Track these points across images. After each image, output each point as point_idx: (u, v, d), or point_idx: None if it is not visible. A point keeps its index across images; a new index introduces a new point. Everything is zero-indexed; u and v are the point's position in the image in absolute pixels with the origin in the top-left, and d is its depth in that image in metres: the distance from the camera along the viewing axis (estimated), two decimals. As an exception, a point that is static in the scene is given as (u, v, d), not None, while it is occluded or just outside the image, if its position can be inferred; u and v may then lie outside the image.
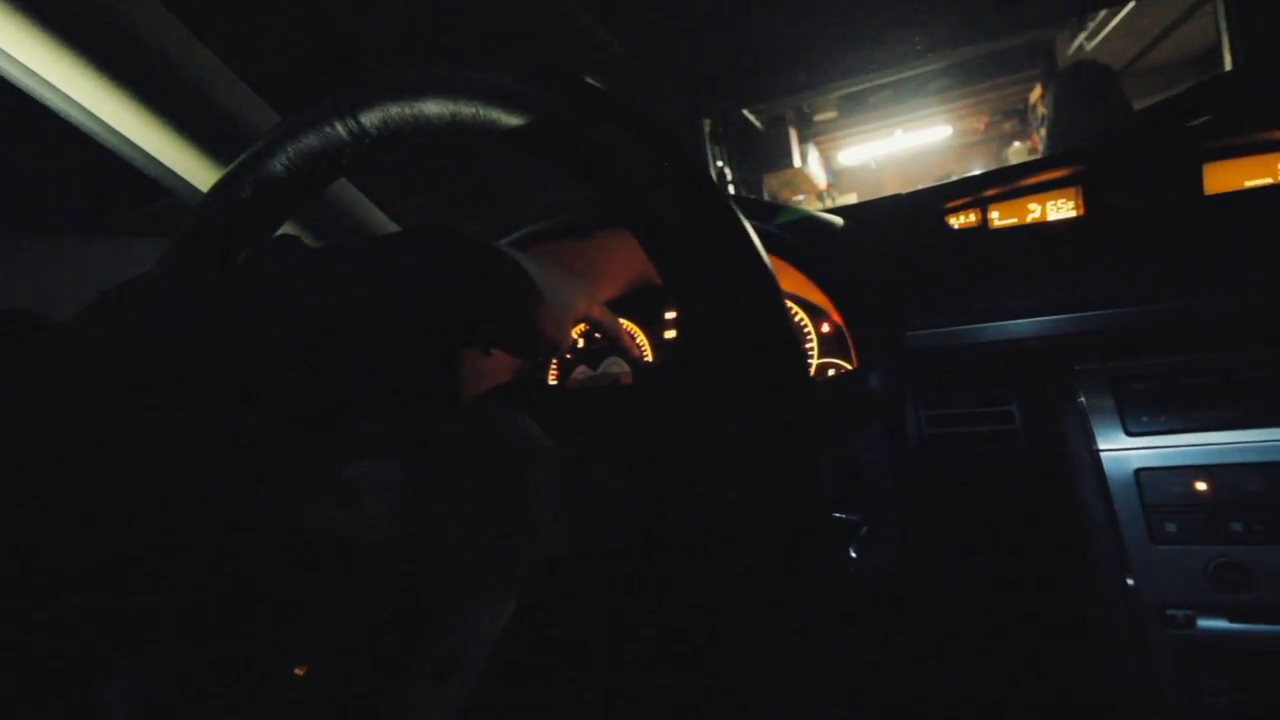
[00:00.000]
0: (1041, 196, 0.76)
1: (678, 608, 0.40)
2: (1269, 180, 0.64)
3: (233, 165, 0.45)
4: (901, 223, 0.79)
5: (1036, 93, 4.75)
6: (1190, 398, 0.49)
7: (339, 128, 0.41)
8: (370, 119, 0.40)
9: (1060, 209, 0.75)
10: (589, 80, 0.34)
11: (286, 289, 0.27)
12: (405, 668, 0.42)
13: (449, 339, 0.37)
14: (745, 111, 4.59)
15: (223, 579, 0.60)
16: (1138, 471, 0.48)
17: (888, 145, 5.95)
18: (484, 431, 0.45)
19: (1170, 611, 0.45)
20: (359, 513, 0.47)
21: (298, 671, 0.78)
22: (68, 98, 0.54)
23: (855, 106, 5.10)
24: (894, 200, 0.88)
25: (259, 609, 0.69)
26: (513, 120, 0.34)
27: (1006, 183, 0.77)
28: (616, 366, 0.85)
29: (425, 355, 0.34)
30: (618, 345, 0.60)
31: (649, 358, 0.86)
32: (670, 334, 0.86)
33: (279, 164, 0.44)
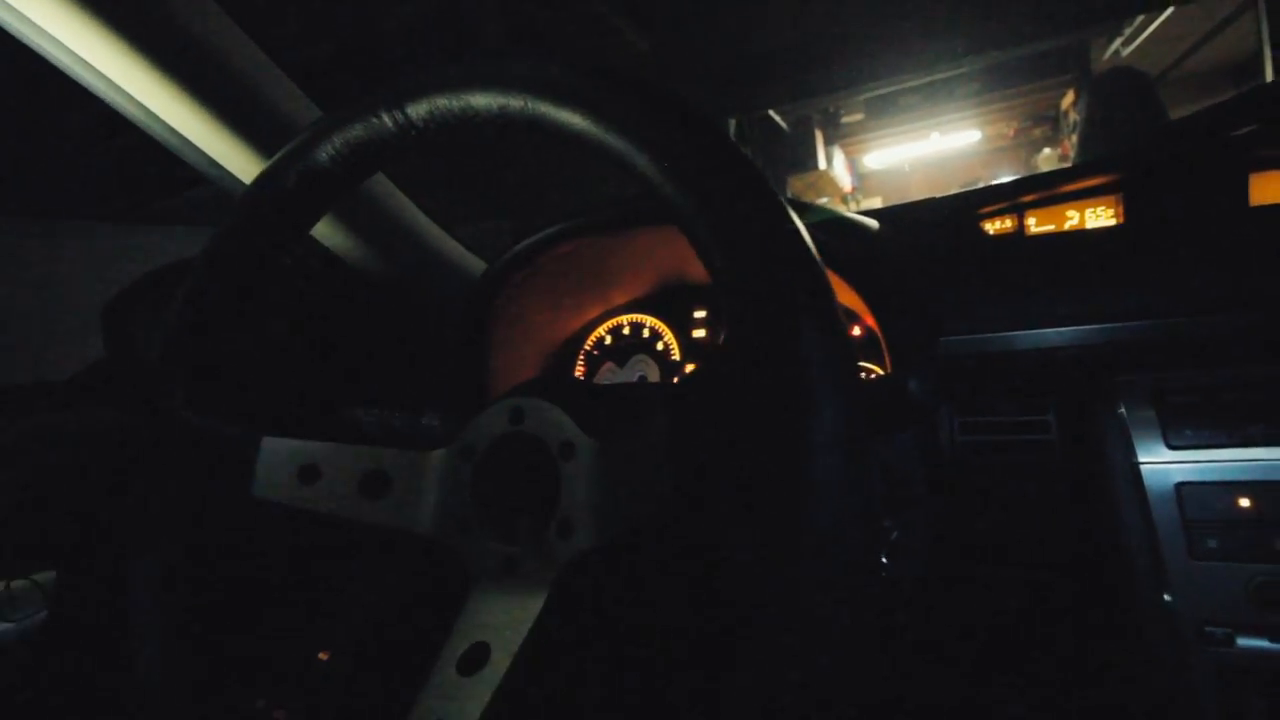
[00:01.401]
0: (1080, 204, 0.75)
1: (714, 608, 0.40)
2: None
3: (279, 155, 0.46)
4: (935, 227, 0.78)
5: (1069, 99, 4.67)
6: (1235, 412, 0.48)
7: (385, 119, 0.42)
8: (417, 110, 0.41)
9: (1099, 217, 0.74)
10: (640, 77, 0.34)
11: None
12: (435, 658, 0.42)
13: None
14: (771, 112, 4.57)
15: (244, 566, 0.62)
16: (1179, 485, 0.47)
17: (915, 149, 5.89)
18: (519, 427, 0.45)
19: (1209, 629, 0.44)
20: (391, 504, 0.47)
21: (322, 656, 0.79)
22: (116, 86, 0.56)
23: (884, 109, 5.04)
24: (928, 204, 0.87)
25: (287, 596, 0.70)
26: (562, 115, 0.34)
27: (1044, 189, 0.76)
28: (644, 366, 0.86)
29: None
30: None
31: (677, 356, 0.86)
32: (699, 333, 0.86)
33: (324, 154, 0.45)
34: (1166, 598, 0.45)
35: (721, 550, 0.40)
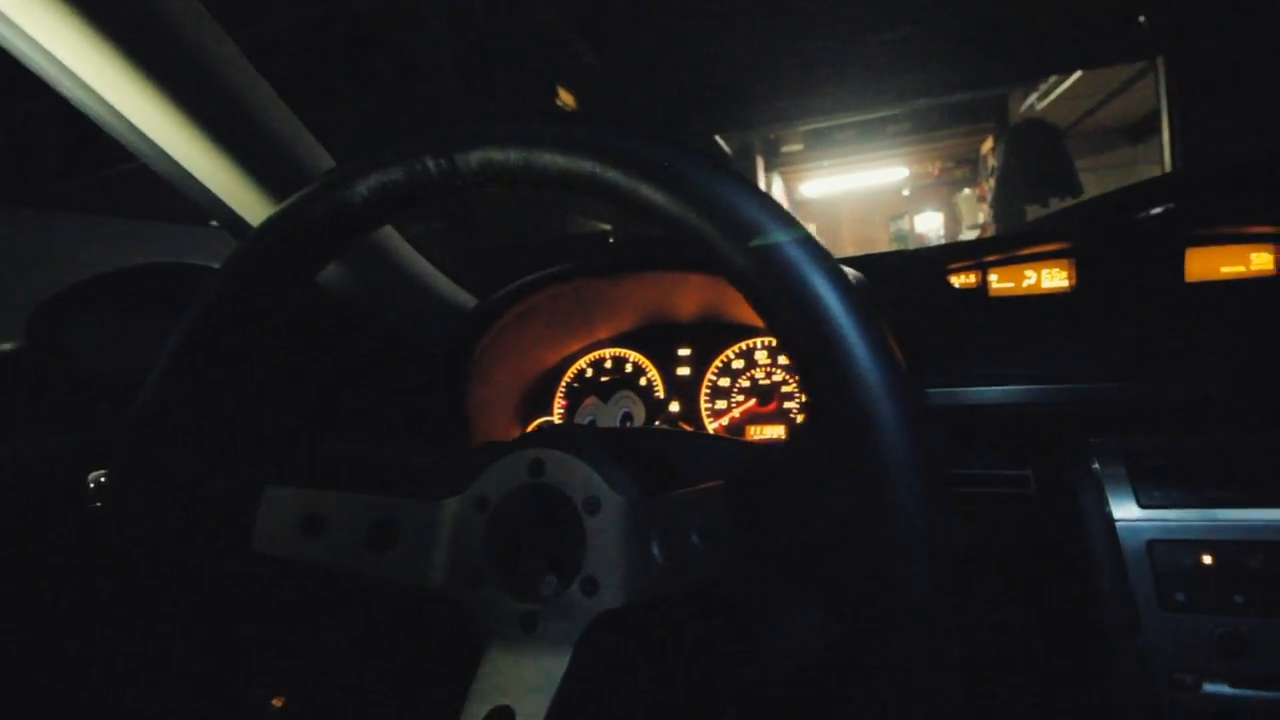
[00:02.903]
0: (1037, 265, 0.81)
1: (762, 672, 0.41)
2: (1242, 269, 0.71)
3: (309, 188, 0.45)
4: (907, 278, 0.83)
5: (988, 145, 5.03)
6: (1200, 475, 0.54)
7: (429, 164, 0.41)
8: (466, 161, 0.40)
9: (1054, 278, 0.80)
10: (710, 157, 0.36)
11: None
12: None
13: None
14: (716, 137, 4.69)
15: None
16: (1149, 542, 0.53)
17: (848, 181, 6.18)
18: (539, 479, 0.45)
19: (1178, 675, 0.49)
20: (400, 556, 0.46)
21: (276, 702, 0.75)
22: (123, 118, 0.53)
23: (820, 142, 5.27)
24: (897, 256, 0.92)
25: (279, 656, 0.66)
26: (631, 185, 0.35)
27: (1003, 250, 0.82)
28: (629, 402, 0.86)
29: None
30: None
31: (661, 394, 0.87)
32: (683, 370, 0.87)
33: (358, 192, 0.43)
34: (1141, 646, 0.50)
35: (778, 619, 0.41)
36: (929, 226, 6.85)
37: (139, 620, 0.53)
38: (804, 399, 0.81)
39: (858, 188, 6.35)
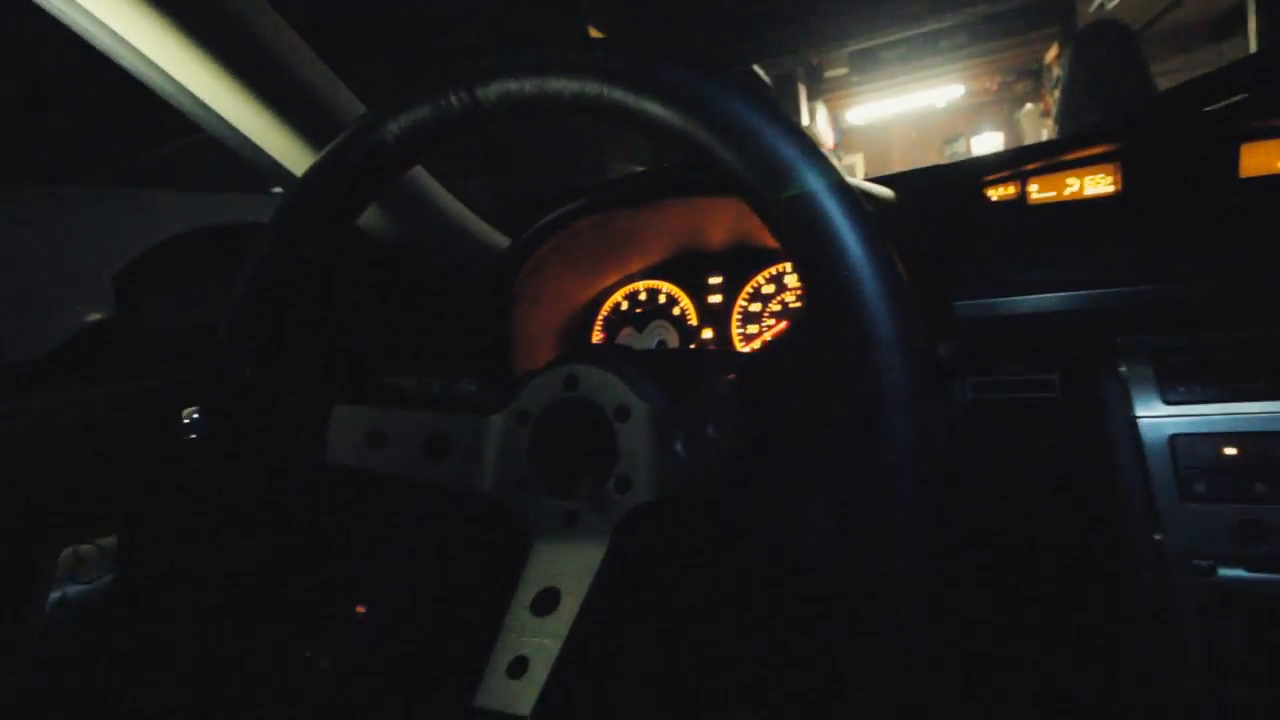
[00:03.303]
0: (1079, 171, 0.78)
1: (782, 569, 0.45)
2: (1304, 163, 0.67)
3: (346, 133, 0.48)
4: (941, 193, 0.81)
5: (1053, 53, 4.66)
6: (1225, 371, 0.53)
7: (452, 99, 0.44)
8: (486, 93, 0.42)
9: (1098, 184, 0.77)
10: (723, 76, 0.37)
11: None
12: (507, 602, 0.46)
13: None
14: (755, 67, 4.50)
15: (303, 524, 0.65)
16: (1172, 437, 0.53)
17: (898, 104, 5.85)
18: (573, 392, 0.49)
19: (1195, 561, 0.50)
20: (453, 466, 0.51)
21: (359, 609, 0.84)
22: (173, 79, 0.58)
23: (867, 63, 4.99)
24: (932, 171, 0.90)
25: (351, 551, 0.74)
26: (644, 106, 0.37)
27: (1045, 157, 0.80)
28: (663, 331, 0.89)
29: None
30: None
31: (693, 321, 0.90)
32: (715, 299, 0.89)
33: (390, 132, 0.46)
34: (1158, 536, 0.51)
35: (785, 501, 0.44)
36: (989, 148, 6.47)
37: (242, 534, 0.61)
38: (802, 293, 0.82)
39: (909, 110, 6.02)
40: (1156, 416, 0.54)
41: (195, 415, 0.75)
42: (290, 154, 0.66)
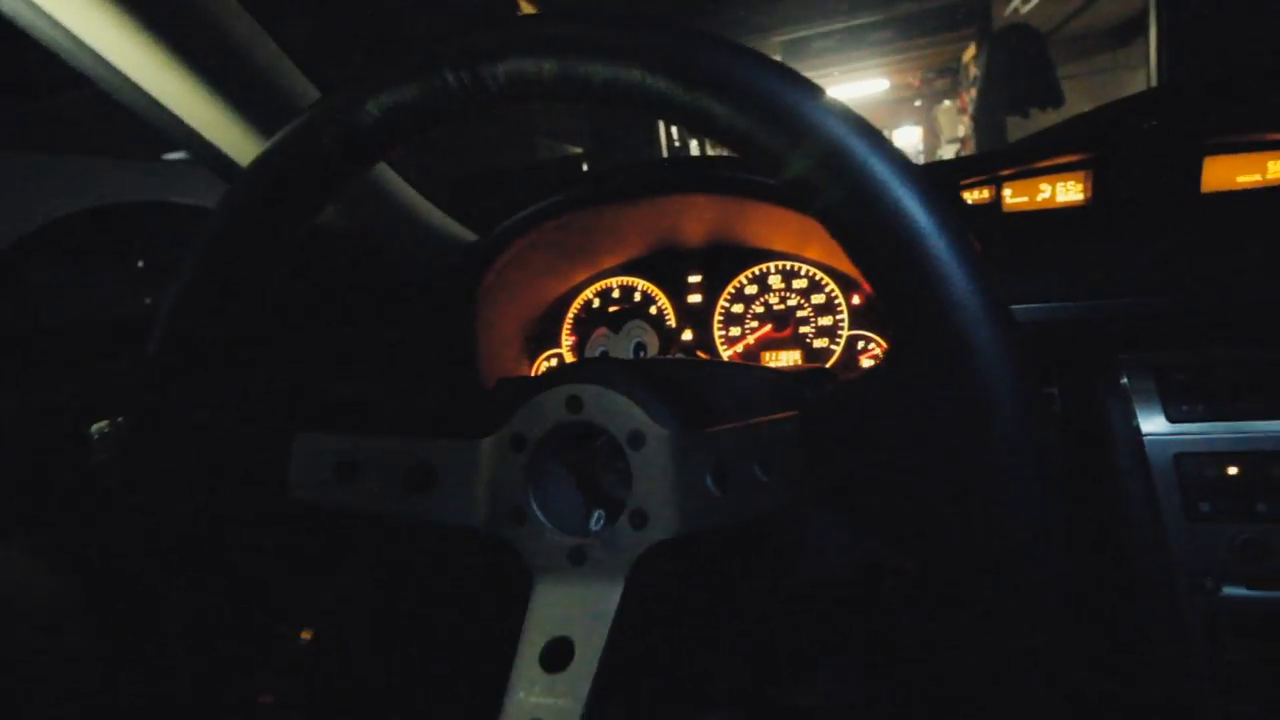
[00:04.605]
0: (1051, 178, 0.80)
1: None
2: (1258, 178, 0.71)
3: (308, 113, 0.40)
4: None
5: (970, 53, 4.89)
6: (1226, 389, 0.55)
7: (448, 78, 0.37)
8: (492, 73, 0.36)
9: (1069, 192, 0.79)
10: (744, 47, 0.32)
11: None
12: (513, 653, 0.41)
13: None
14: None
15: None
16: (1177, 455, 0.55)
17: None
18: (578, 415, 0.44)
19: (1199, 579, 0.52)
20: (438, 498, 0.45)
21: (305, 635, 0.76)
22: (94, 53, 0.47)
23: (799, 52, 5.07)
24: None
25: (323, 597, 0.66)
26: (700, 103, 0.32)
27: (1020, 162, 0.80)
28: (641, 332, 0.85)
29: None
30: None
31: (672, 322, 0.86)
32: (694, 298, 0.85)
33: (368, 114, 0.39)
34: (1163, 555, 0.53)
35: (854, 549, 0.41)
36: (907, 141, 6.75)
37: (167, 580, 0.52)
38: (889, 325, 0.80)
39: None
40: (1161, 434, 0.55)
41: (105, 429, 0.64)
42: (221, 130, 0.56)
